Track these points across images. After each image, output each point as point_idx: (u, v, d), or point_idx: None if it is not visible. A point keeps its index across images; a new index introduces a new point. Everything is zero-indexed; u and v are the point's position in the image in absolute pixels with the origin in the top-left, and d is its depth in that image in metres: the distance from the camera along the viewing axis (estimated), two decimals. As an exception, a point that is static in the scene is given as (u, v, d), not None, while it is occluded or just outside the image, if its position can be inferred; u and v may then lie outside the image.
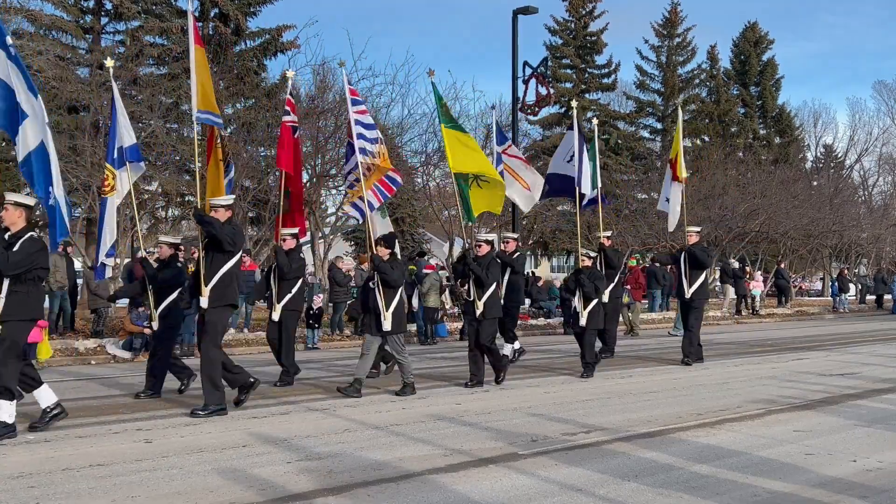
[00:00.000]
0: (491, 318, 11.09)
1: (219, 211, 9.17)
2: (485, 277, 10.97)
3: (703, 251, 13.95)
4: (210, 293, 8.84)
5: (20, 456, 6.90)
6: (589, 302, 12.10)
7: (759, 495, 5.80)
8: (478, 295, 11.05)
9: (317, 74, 23.26)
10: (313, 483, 6.06)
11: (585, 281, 12.11)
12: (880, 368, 13.12)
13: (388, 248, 10.49)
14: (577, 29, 44.35)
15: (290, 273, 11.09)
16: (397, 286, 10.27)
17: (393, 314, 10.17)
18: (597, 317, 12.18)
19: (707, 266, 13.85)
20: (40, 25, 24.82)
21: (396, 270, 10.33)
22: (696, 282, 13.67)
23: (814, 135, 58.53)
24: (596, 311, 12.13)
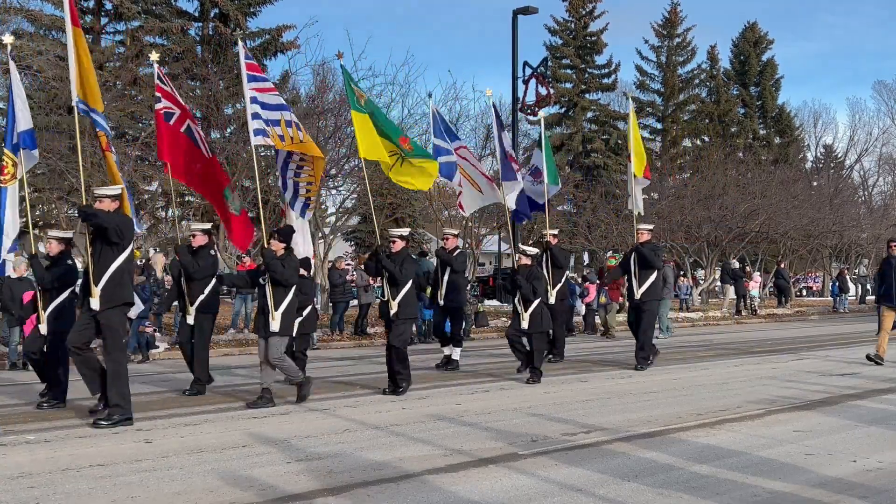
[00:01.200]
0: (405, 319, 10.43)
1: (104, 201, 8.35)
2: (398, 275, 10.28)
3: (653, 251, 13.27)
4: (101, 293, 8.11)
5: (20, 456, 6.90)
6: (529, 304, 11.40)
7: (759, 495, 5.80)
8: (392, 294, 10.32)
9: (317, 74, 23.26)
10: (313, 483, 6.06)
11: (522, 282, 11.33)
12: (880, 368, 13.11)
13: (283, 242, 9.68)
14: (577, 29, 44.39)
15: (197, 273, 10.30)
16: (289, 284, 9.48)
17: (283, 315, 9.37)
18: (539, 319, 11.44)
19: (656, 267, 13.20)
20: (40, 25, 24.85)
21: (288, 268, 9.51)
22: (646, 282, 13.02)
23: (814, 135, 58.60)
24: (538, 312, 11.40)
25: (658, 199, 35.28)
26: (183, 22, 27.39)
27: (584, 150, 43.89)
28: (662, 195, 35.01)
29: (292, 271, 9.54)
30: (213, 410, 9.10)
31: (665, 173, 43.96)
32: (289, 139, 10.42)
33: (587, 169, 42.95)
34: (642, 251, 13.08)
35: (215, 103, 24.81)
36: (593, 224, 33.04)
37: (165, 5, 27.70)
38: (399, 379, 10.32)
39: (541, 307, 11.45)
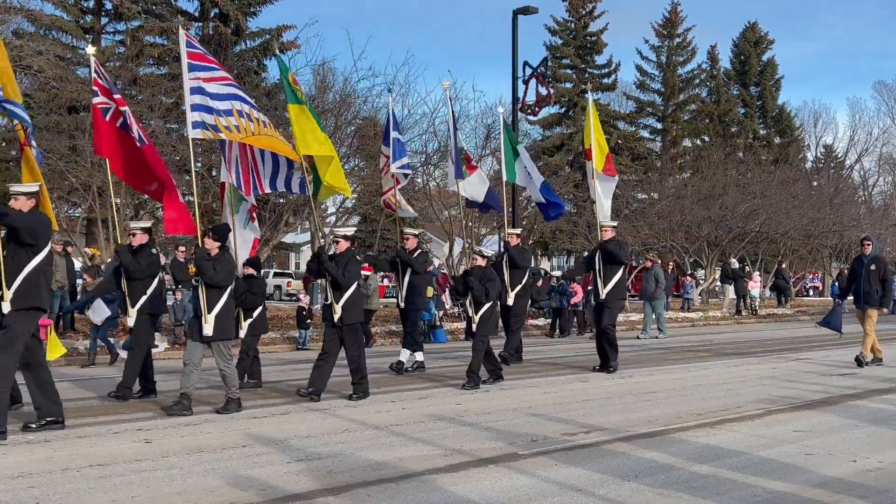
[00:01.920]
0: (351, 325, 9.89)
1: (19, 199, 7.91)
2: (341, 278, 9.76)
3: (618, 246, 12.85)
4: (13, 296, 7.66)
5: (20, 456, 6.90)
6: (480, 306, 11.02)
7: (759, 495, 5.80)
8: (335, 298, 9.82)
9: (317, 74, 23.26)
10: (313, 483, 6.06)
11: (474, 283, 11.01)
12: (880, 368, 13.12)
13: (218, 241, 9.14)
14: (577, 29, 44.39)
15: (137, 273, 9.76)
16: (222, 286, 8.94)
17: (216, 318, 8.86)
18: (488, 323, 11.07)
19: (622, 261, 12.81)
20: (40, 25, 24.84)
21: (221, 270, 8.93)
22: (612, 280, 12.65)
23: (814, 135, 58.60)
24: (487, 316, 11.02)
25: (658, 199, 35.29)
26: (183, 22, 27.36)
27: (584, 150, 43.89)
28: (662, 195, 35.01)
29: (225, 273, 8.97)
30: (213, 410, 9.10)
31: (665, 173, 43.99)
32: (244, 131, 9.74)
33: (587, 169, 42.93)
34: (607, 247, 12.66)
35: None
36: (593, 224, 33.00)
37: (165, 5, 27.69)
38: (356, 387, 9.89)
39: (492, 310, 11.11)
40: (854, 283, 13.40)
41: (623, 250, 12.99)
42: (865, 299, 13.14)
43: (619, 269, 12.73)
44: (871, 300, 13.10)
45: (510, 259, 13.43)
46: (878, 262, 13.33)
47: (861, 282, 13.16)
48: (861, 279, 13.17)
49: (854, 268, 13.61)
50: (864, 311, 13.23)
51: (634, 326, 23.30)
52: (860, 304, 13.27)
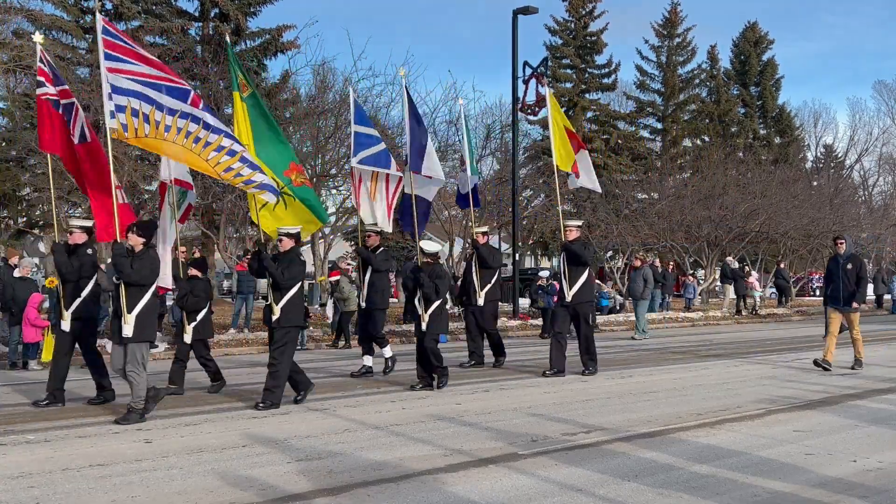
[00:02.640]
0: (287, 328, 9.33)
1: None
2: (280, 278, 9.27)
3: (582, 246, 12.27)
4: None
5: (20, 456, 6.90)
6: (430, 304, 10.61)
7: (759, 495, 5.80)
8: (274, 298, 9.30)
9: (317, 74, 23.29)
10: (313, 483, 6.06)
11: (425, 280, 10.57)
12: (880, 368, 13.11)
13: (143, 237, 8.54)
14: (577, 29, 44.38)
15: (71, 274, 9.08)
16: (143, 285, 8.36)
17: (137, 318, 8.29)
18: (438, 321, 10.69)
19: (586, 262, 12.23)
20: (40, 25, 24.81)
21: (142, 267, 8.33)
22: (578, 281, 12.13)
23: (814, 135, 58.69)
24: (437, 314, 10.63)
25: (658, 199, 35.29)
26: (183, 22, 27.40)
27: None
28: (662, 195, 35.01)
29: (147, 272, 8.37)
30: (213, 410, 9.11)
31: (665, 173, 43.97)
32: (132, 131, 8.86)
33: (587, 169, 42.89)
34: (571, 248, 12.16)
35: (215, 103, 24.78)
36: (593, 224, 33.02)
37: (165, 5, 27.71)
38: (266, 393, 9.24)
39: (441, 308, 10.74)
40: (831, 284, 12.90)
41: (587, 251, 12.44)
42: (846, 301, 12.70)
43: (584, 271, 12.23)
44: (851, 301, 12.71)
45: (480, 258, 13.04)
46: (854, 260, 12.94)
47: (839, 283, 12.71)
48: (839, 280, 12.72)
49: (830, 268, 13.12)
50: (845, 313, 12.78)
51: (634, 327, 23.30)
52: (839, 305, 12.77)
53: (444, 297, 10.83)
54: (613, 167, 42.76)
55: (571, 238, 12.31)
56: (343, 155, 22.15)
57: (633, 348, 16.93)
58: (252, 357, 14.84)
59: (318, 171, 22.23)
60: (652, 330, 20.09)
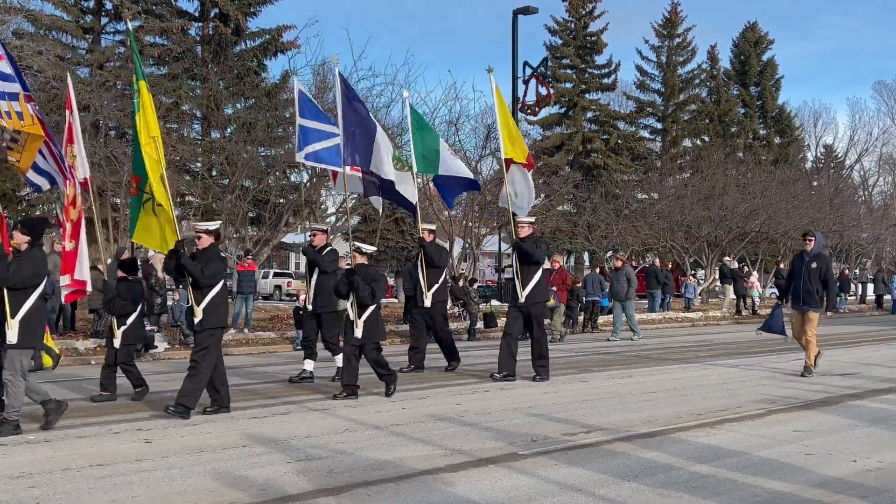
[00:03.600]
0: (210, 329, 8.77)
1: None
2: (200, 276, 8.68)
3: (534, 244, 11.62)
4: None
5: (20, 456, 6.90)
6: (364, 310, 9.90)
7: (759, 495, 5.80)
8: (195, 299, 8.73)
9: (317, 75, 23.29)
10: (313, 483, 6.06)
11: (359, 283, 9.79)
12: (880, 368, 13.12)
13: (28, 235, 7.97)
14: (577, 29, 44.39)
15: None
16: (26, 287, 7.77)
17: (21, 323, 7.70)
18: (374, 328, 10.00)
19: (539, 261, 11.64)
20: (40, 25, 24.86)
21: (24, 268, 7.74)
22: (531, 282, 11.51)
23: (814, 135, 58.74)
24: (373, 319, 9.96)
25: (658, 199, 35.31)
26: (183, 22, 27.39)
27: (584, 150, 43.92)
28: (662, 195, 35.03)
29: (30, 273, 7.75)
30: (213, 410, 9.09)
31: (665, 173, 43.99)
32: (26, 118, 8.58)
33: (587, 169, 42.96)
34: (522, 246, 11.55)
35: (215, 103, 24.81)
36: (593, 224, 33.05)
37: (165, 5, 27.70)
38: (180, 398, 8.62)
39: (376, 313, 10.04)
40: (793, 282, 12.25)
41: (540, 249, 11.73)
42: (805, 300, 12.08)
43: (537, 270, 11.61)
44: (811, 301, 12.06)
45: (426, 257, 12.34)
46: (821, 259, 12.19)
47: (801, 281, 12.05)
48: (801, 278, 12.06)
49: (794, 265, 12.46)
50: (803, 312, 12.19)
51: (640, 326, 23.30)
52: (799, 305, 12.19)
53: (380, 301, 10.13)
54: (613, 167, 42.80)
55: (523, 235, 11.68)
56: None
57: (633, 348, 16.93)
58: (252, 357, 14.83)
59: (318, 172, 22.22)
60: (652, 330, 20.07)
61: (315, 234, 11.56)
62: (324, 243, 11.49)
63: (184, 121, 26.01)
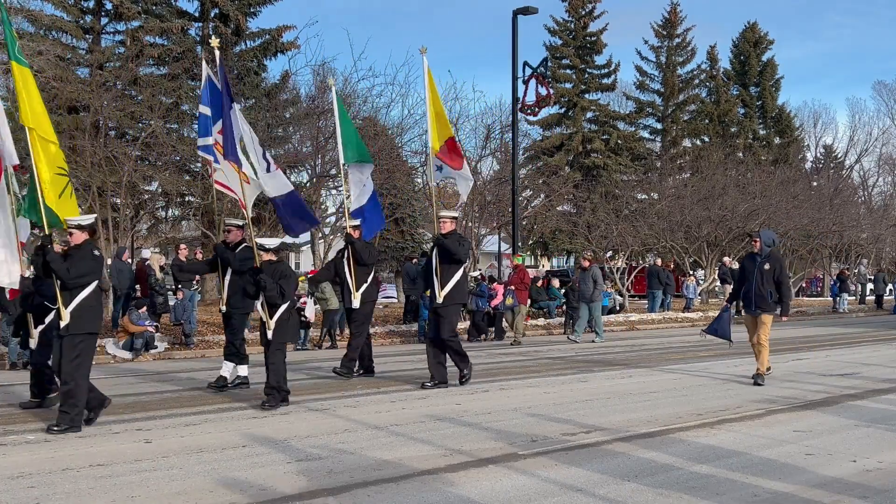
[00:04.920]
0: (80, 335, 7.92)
1: None
2: (66, 275, 7.93)
3: (456, 242, 10.87)
4: None
5: (20, 456, 6.90)
6: (275, 308, 9.34)
7: (759, 495, 5.80)
8: (63, 300, 7.97)
9: (317, 75, 23.30)
10: (313, 483, 6.06)
11: (267, 282, 9.16)
12: (880, 368, 13.12)
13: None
14: (576, 29, 44.38)
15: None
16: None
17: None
18: (285, 329, 9.47)
19: (461, 259, 10.91)
20: (40, 25, 24.85)
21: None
22: (451, 281, 10.78)
23: (813, 135, 58.72)
24: (285, 319, 9.41)
25: (658, 199, 35.31)
26: (183, 22, 27.40)
27: (583, 150, 43.92)
28: (662, 195, 35.02)
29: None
30: (213, 410, 9.11)
31: (665, 173, 43.99)
32: None
33: (587, 169, 42.96)
34: (443, 243, 10.78)
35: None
36: (593, 224, 33.05)
37: (165, 5, 27.71)
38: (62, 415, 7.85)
39: (289, 313, 9.48)
40: (744, 285, 11.47)
41: (462, 247, 10.95)
42: (758, 303, 11.27)
43: (458, 269, 10.88)
44: (764, 305, 11.24)
45: (355, 254, 11.57)
46: (773, 260, 11.39)
47: (753, 283, 11.27)
48: (753, 280, 11.28)
49: (745, 266, 11.70)
50: (756, 316, 11.39)
51: (634, 326, 23.34)
52: (751, 309, 11.39)
53: (292, 299, 9.57)
54: (613, 167, 42.79)
55: (445, 231, 10.90)
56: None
57: (633, 348, 16.92)
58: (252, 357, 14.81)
59: (318, 171, 22.23)
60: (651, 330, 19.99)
61: (230, 229, 10.68)
62: (239, 239, 10.63)
63: (184, 121, 26.01)
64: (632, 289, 32.56)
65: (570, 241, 39.12)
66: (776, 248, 11.55)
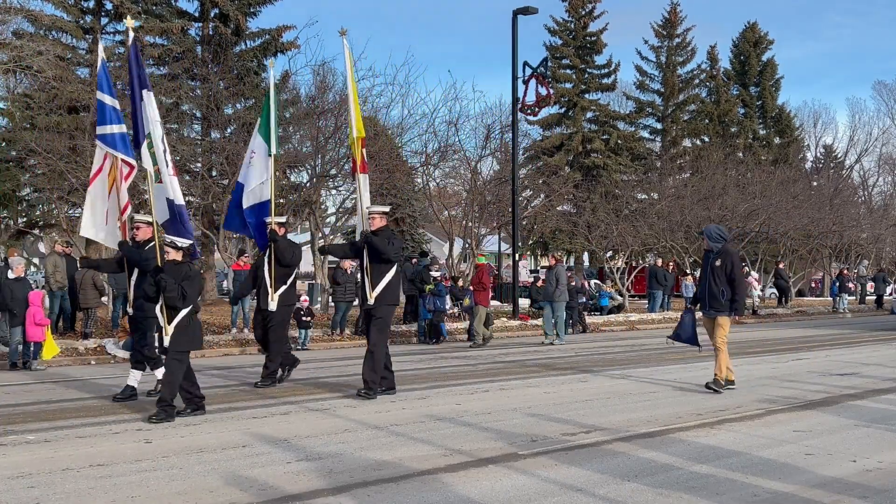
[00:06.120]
0: None
1: None
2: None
3: (387, 240, 10.14)
4: None
5: (20, 456, 6.90)
6: (176, 312, 8.53)
7: (758, 495, 5.80)
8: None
9: (317, 75, 23.29)
10: (313, 483, 6.06)
11: (167, 283, 8.39)
12: (880, 368, 13.12)
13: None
14: (576, 29, 44.37)
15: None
16: None
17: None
18: (185, 334, 8.58)
19: (390, 259, 10.18)
20: (40, 25, 24.86)
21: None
22: (382, 281, 10.09)
23: (813, 135, 58.73)
24: (185, 324, 8.56)
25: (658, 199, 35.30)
26: (183, 22, 27.40)
27: (583, 150, 43.92)
28: (662, 195, 35.01)
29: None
30: (213, 410, 9.10)
31: (665, 173, 43.98)
32: None
33: (587, 169, 42.96)
34: (371, 241, 10.04)
35: (215, 103, 24.81)
36: (593, 224, 33.05)
37: (165, 5, 27.72)
38: None
39: (190, 318, 8.64)
40: (700, 285, 10.84)
41: (392, 246, 10.18)
42: (711, 303, 10.52)
43: (390, 269, 10.17)
44: (717, 305, 10.47)
45: (277, 252, 10.83)
46: (725, 256, 10.59)
47: (706, 283, 10.57)
48: (706, 279, 10.58)
49: (702, 265, 10.96)
50: (711, 319, 10.59)
51: (634, 326, 23.35)
52: (705, 310, 10.63)
53: (195, 303, 8.75)
54: (613, 167, 42.78)
55: (375, 227, 10.18)
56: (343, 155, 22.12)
57: (633, 348, 16.92)
58: (253, 357, 14.83)
59: (318, 171, 22.22)
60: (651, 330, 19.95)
61: (139, 226, 9.82)
62: (148, 237, 9.68)
63: (184, 121, 26.02)
64: (632, 289, 32.57)
65: (570, 241, 39.12)
66: (729, 243, 10.80)
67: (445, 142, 24.60)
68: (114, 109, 9.82)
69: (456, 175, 28.79)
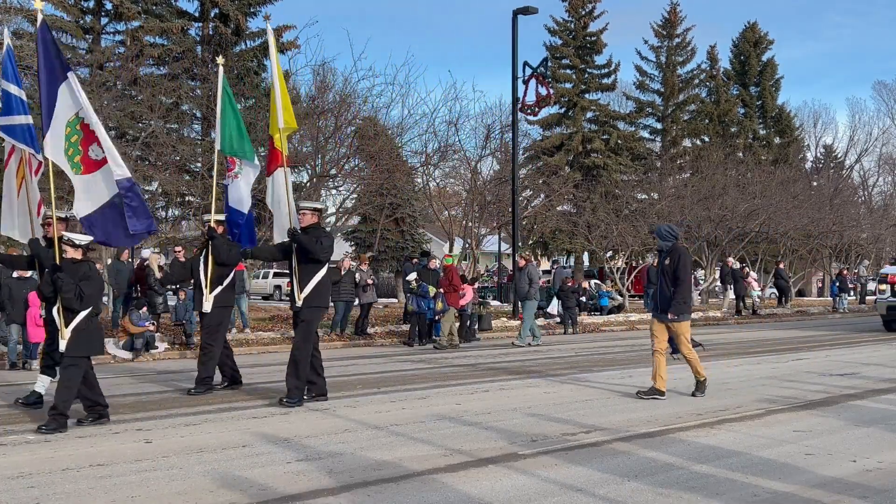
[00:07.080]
0: None
1: None
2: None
3: (315, 239, 9.58)
4: None
5: (20, 456, 6.90)
6: (74, 315, 7.94)
7: (758, 495, 5.80)
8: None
9: (317, 75, 23.30)
10: (313, 483, 6.06)
11: (64, 282, 7.82)
12: (880, 368, 13.12)
13: None
14: (576, 29, 44.35)
15: None
16: None
17: None
18: (81, 339, 7.94)
19: (320, 260, 9.65)
20: (40, 26, 24.80)
21: None
22: (311, 282, 9.57)
23: (813, 135, 58.72)
24: (82, 328, 7.94)
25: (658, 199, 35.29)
26: (183, 22, 27.39)
27: (583, 150, 43.89)
28: (662, 195, 35.00)
29: None
30: (213, 410, 9.10)
31: (665, 173, 43.96)
32: None
33: (587, 169, 42.94)
34: (298, 239, 9.58)
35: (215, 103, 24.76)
36: (593, 224, 33.05)
37: (165, 5, 27.71)
38: None
39: (89, 321, 8.02)
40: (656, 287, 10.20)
41: (321, 245, 9.59)
42: (662, 306, 9.96)
43: (319, 269, 9.66)
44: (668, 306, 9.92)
45: (215, 251, 10.35)
46: (673, 253, 9.96)
47: (660, 284, 10.03)
48: (660, 281, 10.04)
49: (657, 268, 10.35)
50: (662, 322, 10.03)
51: (634, 326, 23.34)
52: (656, 312, 10.11)
53: (95, 305, 8.14)
54: (613, 167, 42.77)
55: (305, 224, 9.71)
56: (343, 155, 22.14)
57: (633, 348, 16.92)
58: (253, 357, 14.84)
59: (318, 171, 22.23)
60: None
61: (49, 222, 9.06)
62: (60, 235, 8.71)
63: (184, 121, 26.00)
64: (632, 289, 32.56)
65: (570, 241, 39.11)
66: (679, 241, 10.21)
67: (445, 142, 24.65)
68: (19, 99, 9.12)
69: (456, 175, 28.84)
